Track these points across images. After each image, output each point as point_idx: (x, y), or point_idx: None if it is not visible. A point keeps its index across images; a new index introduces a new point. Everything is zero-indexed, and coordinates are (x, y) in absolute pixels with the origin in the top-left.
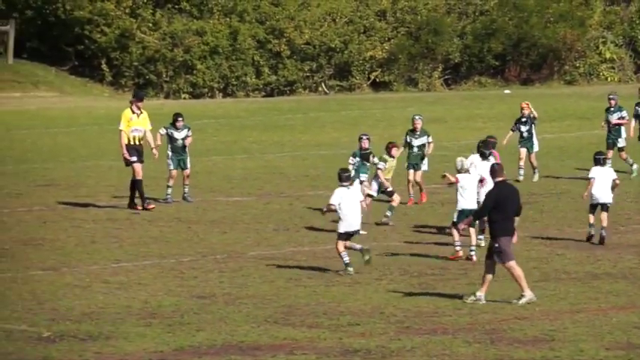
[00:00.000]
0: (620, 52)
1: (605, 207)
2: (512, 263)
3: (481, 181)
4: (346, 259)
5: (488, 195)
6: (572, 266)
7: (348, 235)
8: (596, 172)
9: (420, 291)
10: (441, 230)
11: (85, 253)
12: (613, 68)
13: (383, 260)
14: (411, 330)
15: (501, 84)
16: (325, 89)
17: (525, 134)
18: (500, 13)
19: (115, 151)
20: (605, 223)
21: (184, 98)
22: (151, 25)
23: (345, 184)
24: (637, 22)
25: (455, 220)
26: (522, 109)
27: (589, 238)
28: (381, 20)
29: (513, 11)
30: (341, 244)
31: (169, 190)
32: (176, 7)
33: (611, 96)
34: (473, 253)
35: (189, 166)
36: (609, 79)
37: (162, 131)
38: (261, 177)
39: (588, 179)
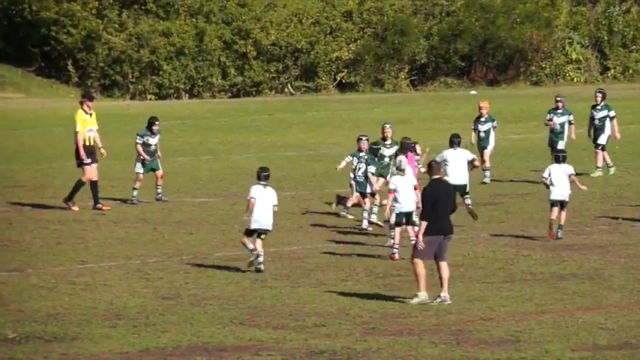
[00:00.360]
0: (587, 53)
1: (564, 204)
2: (418, 261)
3: (415, 188)
4: (249, 246)
5: (424, 193)
6: (537, 267)
7: (255, 233)
8: (551, 169)
9: (385, 292)
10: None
11: (51, 254)
12: (579, 69)
13: (349, 261)
14: (377, 331)
15: (467, 85)
16: (291, 90)
17: (483, 134)
18: (467, 14)
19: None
20: (562, 222)
21: (150, 99)
22: (117, 26)
23: (262, 182)
24: (603, 23)
25: (393, 221)
26: (480, 108)
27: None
28: (348, 21)
29: (480, 12)
30: (245, 239)
31: (135, 193)
32: (142, 8)
33: (558, 98)
34: (395, 252)
35: (160, 167)
36: (575, 79)
37: (140, 140)
38: (227, 178)
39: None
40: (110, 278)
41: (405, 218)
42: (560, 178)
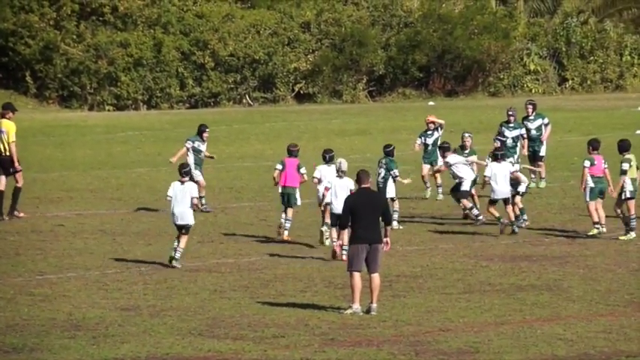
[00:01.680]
0: (545, 64)
1: (506, 201)
2: (355, 274)
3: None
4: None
5: (345, 201)
6: (496, 278)
7: (178, 228)
8: (493, 168)
9: (344, 303)
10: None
11: (10, 265)
12: (537, 80)
13: (307, 272)
14: (336, 342)
15: (426, 96)
16: (249, 101)
17: (430, 147)
18: (425, 25)
19: (37, 163)
20: (512, 216)
21: (108, 110)
22: (75, 37)
23: (184, 178)
24: (561, 34)
25: (331, 223)
26: (428, 122)
27: (502, 231)
28: (305, 32)
29: (437, 23)
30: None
31: (203, 200)
32: (100, 19)
33: (510, 112)
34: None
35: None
36: (533, 90)
37: (189, 144)
38: None
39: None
40: (69, 289)
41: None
42: (501, 177)
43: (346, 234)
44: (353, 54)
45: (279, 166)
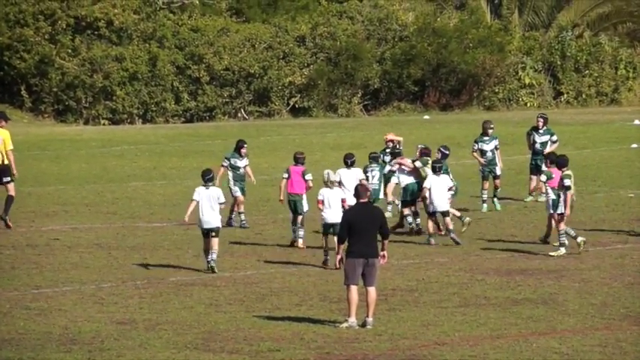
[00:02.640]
0: (540, 78)
1: (445, 213)
2: (351, 287)
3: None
4: (208, 257)
5: (343, 216)
6: (492, 292)
7: (205, 232)
8: (431, 180)
9: (340, 317)
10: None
11: (5, 279)
12: (532, 94)
13: (303, 286)
14: (332, 356)
15: (421, 110)
16: (244, 115)
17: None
18: (420, 39)
19: (33, 177)
20: (451, 226)
21: (104, 124)
22: (70, 51)
23: (209, 184)
24: (556, 47)
25: (322, 231)
26: (386, 141)
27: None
28: (300, 46)
29: (432, 37)
30: (205, 243)
31: (243, 216)
32: (95, 33)
33: (539, 117)
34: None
35: (244, 192)
36: (529, 104)
37: (225, 163)
38: (181, 203)
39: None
40: (65, 303)
41: (332, 229)
42: (439, 190)
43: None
44: (348, 68)
45: (286, 175)
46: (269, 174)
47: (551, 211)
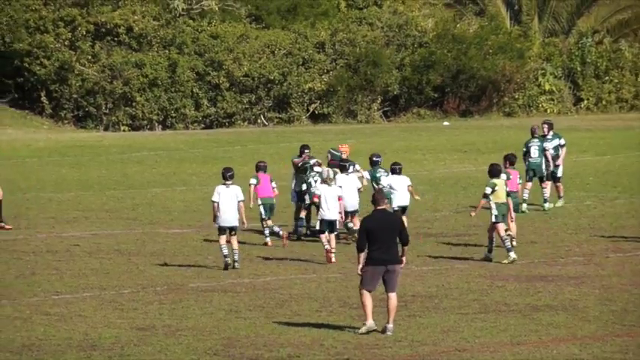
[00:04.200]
0: (560, 84)
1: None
2: (364, 292)
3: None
4: (225, 251)
5: (361, 223)
6: (512, 298)
7: (224, 230)
8: (391, 179)
9: (359, 323)
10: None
11: (26, 284)
12: (552, 100)
13: (323, 292)
14: None
15: (440, 116)
16: (264, 121)
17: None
18: (439, 45)
19: (53, 183)
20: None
21: (124, 130)
22: (90, 57)
23: (228, 182)
24: (576, 54)
25: (318, 228)
26: (341, 153)
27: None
28: (320, 52)
29: (452, 43)
30: (222, 238)
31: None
32: (115, 39)
33: (544, 124)
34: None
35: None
36: (548, 110)
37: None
38: (200, 209)
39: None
40: (85, 309)
41: (331, 226)
42: (401, 188)
43: (325, 238)
44: (367, 74)
45: (254, 181)
46: (288, 180)
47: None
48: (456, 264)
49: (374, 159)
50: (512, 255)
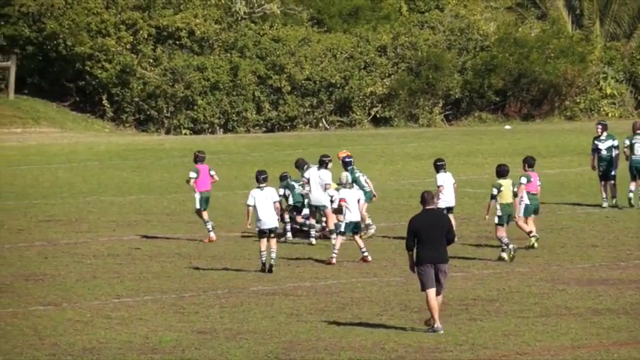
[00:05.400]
0: (621, 88)
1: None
2: (429, 292)
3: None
4: (263, 259)
5: (410, 223)
6: (573, 302)
7: (264, 233)
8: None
9: (420, 326)
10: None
11: (86, 288)
12: (614, 104)
13: (384, 295)
14: None
15: (502, 120)
16: (326, 125)
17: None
18: (501, 49)
19: (114, 186)
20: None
21: (185, 134)
22: (151, 60)
23: (261, 185)
24: (637, 57)
25: (342, 230)
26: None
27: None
28: (382, 56)
29: (514, 47)
30: (262, 243)
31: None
32: (177, 43)
33: (598, 125)
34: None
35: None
36: (610, 114)
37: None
38: None
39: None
40: (146, 312)
41: (356, 227)
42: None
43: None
44: (429, 78)
45: (194, 174)
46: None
47: (521, 214)
48: (516, 267)
49: (345, 160)
50: (504, 255)
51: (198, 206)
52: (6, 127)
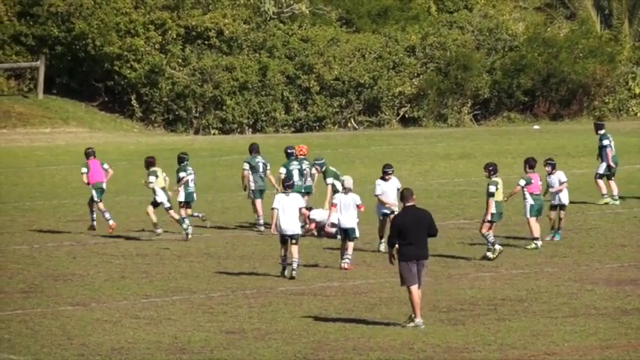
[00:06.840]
0: None
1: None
2: (412, 288)
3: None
4: (283, 263)
5: (393, 220)
6: (601, 302)
7: (285, 239)
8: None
9: (449, 326)
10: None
11: (115, 288)
12: None
13: None
14: None
15: (530, 119)
16: (354, 125)
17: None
18: (530, 49)
19: (143, 185)
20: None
21: (214, 134)
22: (180, 60)
23: (287, 191)
24: None
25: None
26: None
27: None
28: (410, 56)
29: (542, 47)
30: (283, 249)
31: None
32: (205, 43)
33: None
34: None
35: None
36: (639, 114)
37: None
38: None
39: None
40: (174, 312)
41: (347, 233)
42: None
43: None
44: (458, 78)
45: (85, 169)
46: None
47: (528, 216)
48: (545, 267)
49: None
50: (490, 254)
51: (95, 198)
52: (35, 127)
